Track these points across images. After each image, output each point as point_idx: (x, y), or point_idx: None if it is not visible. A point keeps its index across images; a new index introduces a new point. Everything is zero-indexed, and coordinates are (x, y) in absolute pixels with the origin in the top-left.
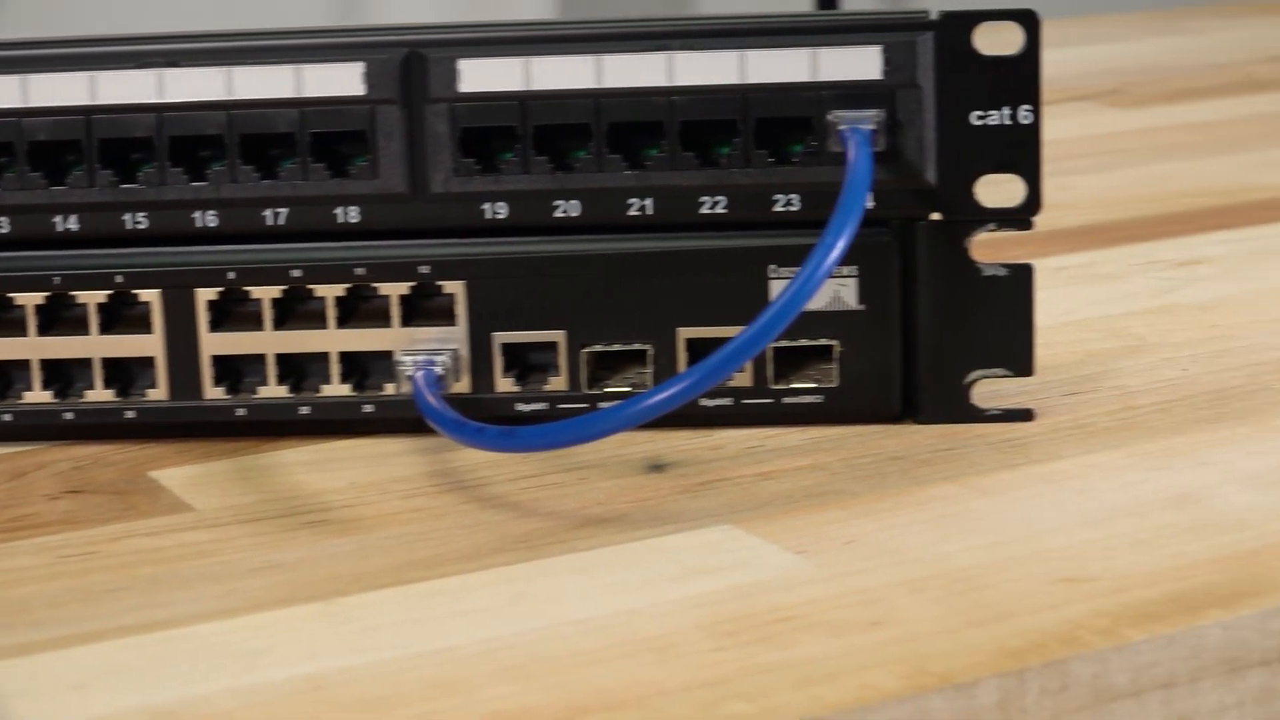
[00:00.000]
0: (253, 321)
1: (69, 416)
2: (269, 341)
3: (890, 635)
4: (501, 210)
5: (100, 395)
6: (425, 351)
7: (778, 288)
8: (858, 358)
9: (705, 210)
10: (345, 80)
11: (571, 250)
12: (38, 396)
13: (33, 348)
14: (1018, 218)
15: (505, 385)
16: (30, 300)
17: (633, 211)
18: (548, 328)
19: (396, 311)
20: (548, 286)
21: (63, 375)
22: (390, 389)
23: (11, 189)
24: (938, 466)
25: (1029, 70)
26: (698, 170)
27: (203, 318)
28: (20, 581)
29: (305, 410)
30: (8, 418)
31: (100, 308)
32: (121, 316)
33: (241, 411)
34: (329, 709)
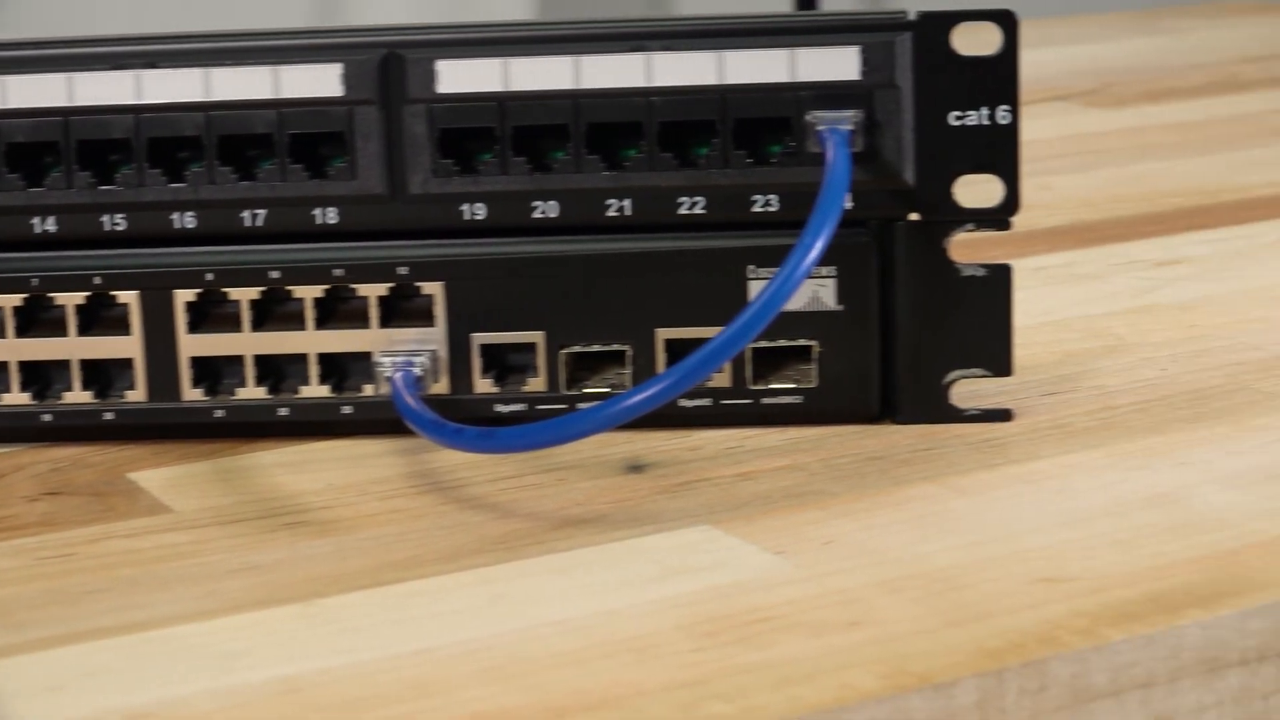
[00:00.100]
0: (231, 323)
1: (47, 418)
2: (247, 343)
3: (869, 635)
4: (480, 211)
5: (79, 397)
6: (404, 352)
7: (756, 288)
8: (836, 358)
9: (684, 211)
10: (323, 81)
11: (550, 251)
12: (16, 398)
13: (11, 349)
14: (996, 218)
15: (484, 386)
16: (8, 302)
17: (611, 212)
18: (526, 329)
19: (375, 313)
20: (526, 287)
21: (41, 377)
22: (369, 390)
23: None
24: (916, 467)
25: (1007, 70)
26: (676, 171)
27: (181, 319)
28: None
29: (284, 411)
30: None
31: (78, 309)
32: (100, 318)
33: (220, 413)
34: (307, 710)
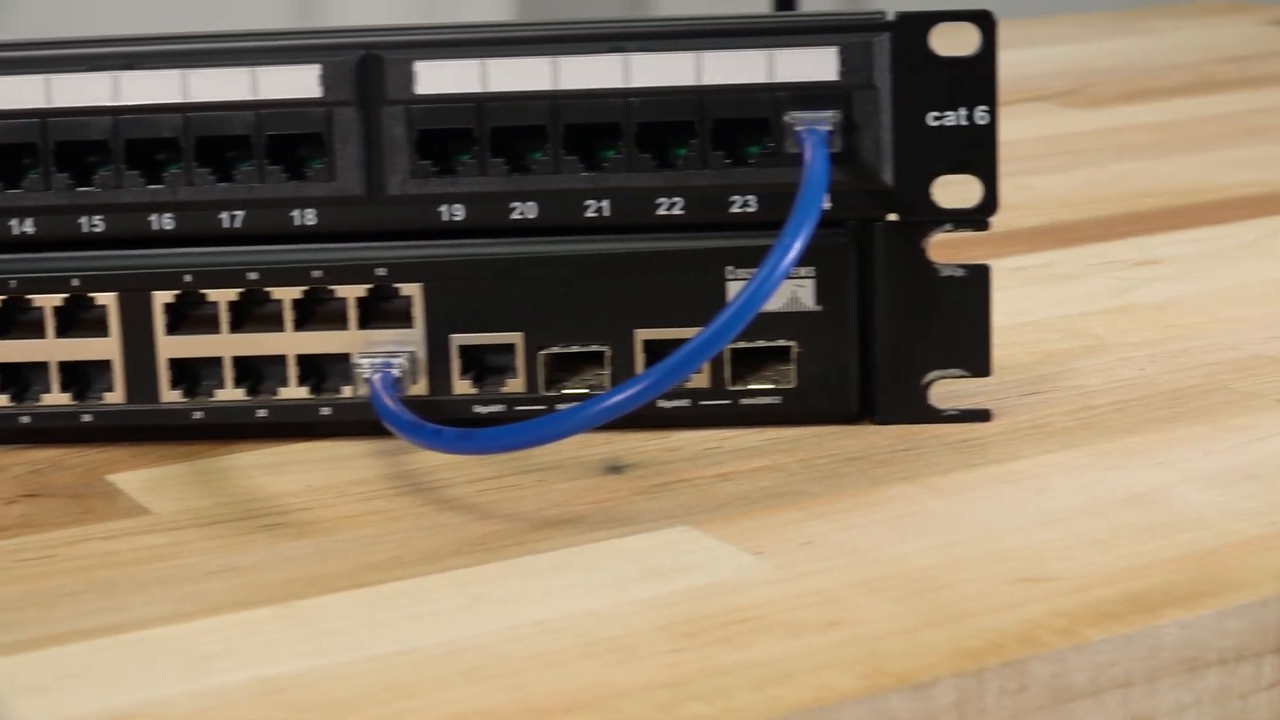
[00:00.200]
0: (209, 324)
1: (25, 420)
2: (226, 344)
3: (848, 635)
4: (458, 212)
5: (57, 399)
6: (382, 354)
7: (735, 289)
8: (815, 358)
9: (662, 211)
10: (301, 82)
11: (529, 252)
12: None
13: None
14: (974, 218)
15: (463, 387)
16: None
17: (590, 213)
18: (505, 329)
19: (353, 314)
20: (505, 288)
21: (19, 379)
22: (347, 391)
23: None
24: (895, 467)
25: (985, 71)
26: (654, 171)
27: (159, 320)
28: None
29: (262, 413)
30: None
31: (56, 311)
32: (78, 320)
33: (198, 414)
34: (287, 712)
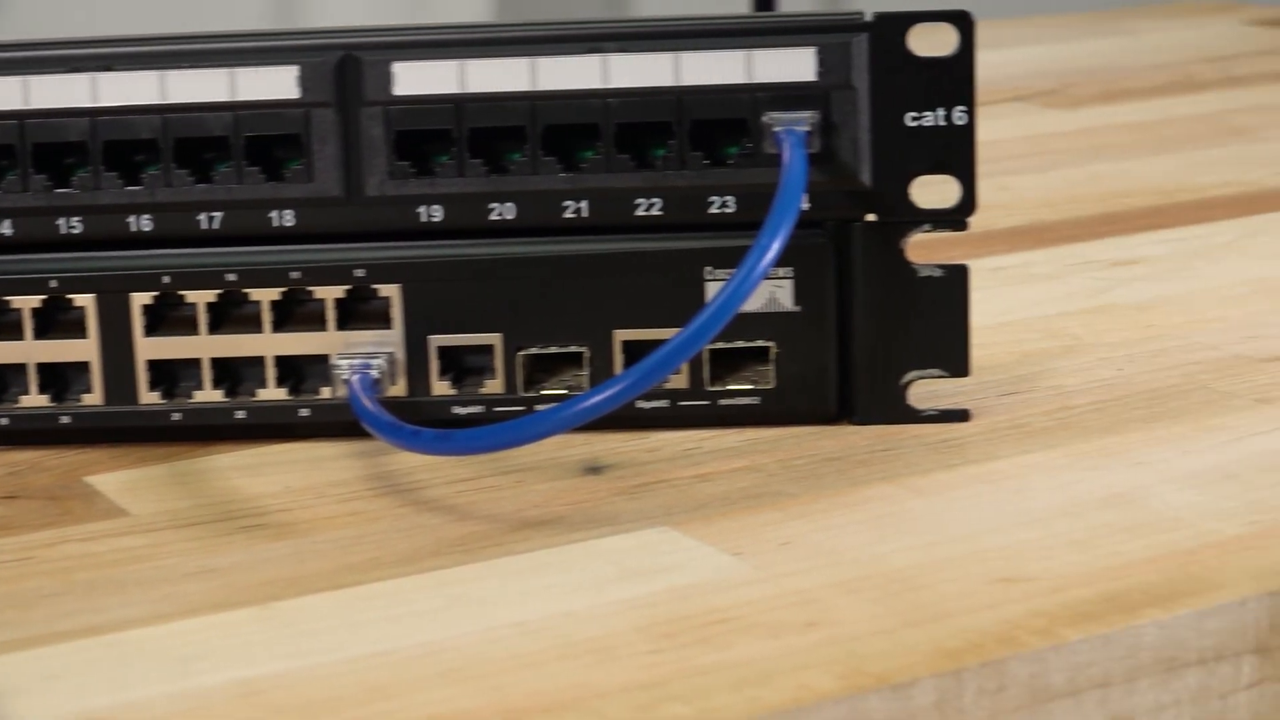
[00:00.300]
0: (188, 326)
1: (3, 422)
2: (204, 346)
3: (827, 636)
4: (437, 213)
5: (35, 400)
6: (361, 355)
7: (713, 289)
8: (794, 359)
9: (641, 212)
10: (280, 84)
11: (507, 253)
12: None
13: None
14: (953, 219)
15: (441, 388)
16: None
17: (568, 214)
18: (484, 330)
19: (332, 315)
20: (483, 289)
21: None
22: (326, 393)
23: None
24: (874, 467)
25: (963, 71)
26: (633, 172)
27: (138, 322)
28: None
29: (241, 414)
30: None
31: (35, 313)
32: (56, 321)
33: (177, 416)
34: (265, 713)
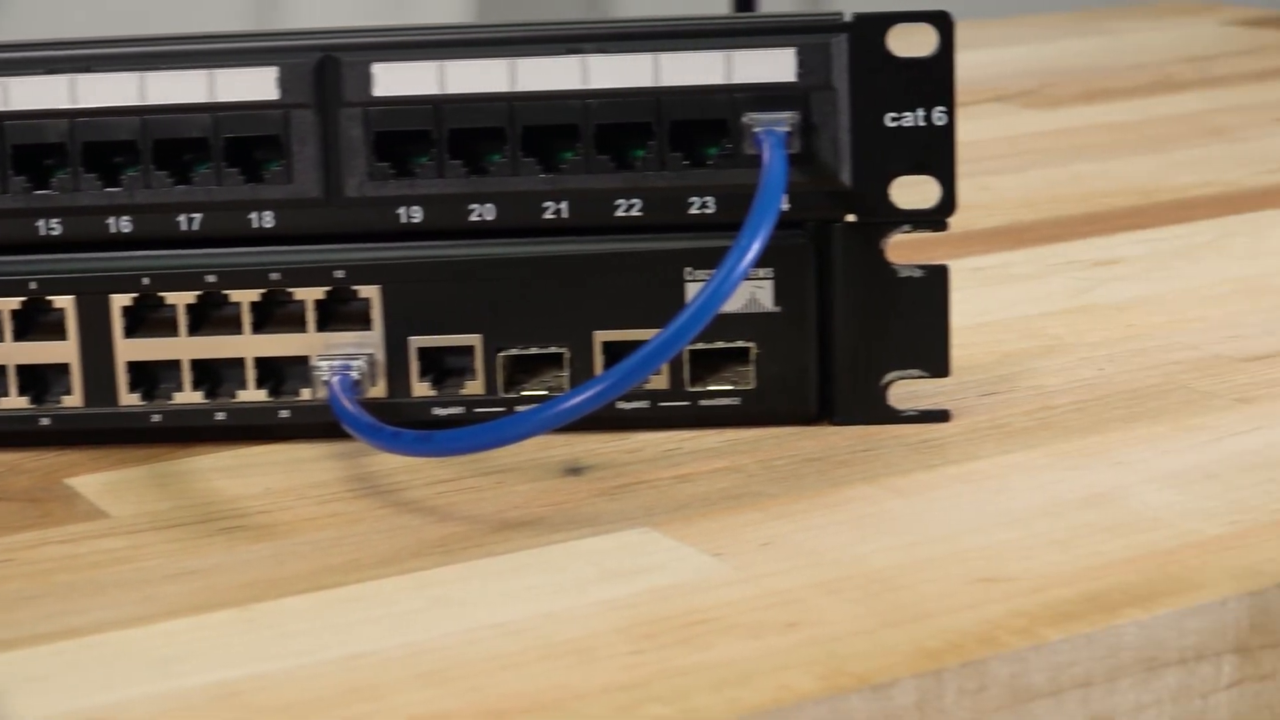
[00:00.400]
0: (168, 327)
1: None
2: (184, 347)
3: (807, 636)
4: (416, 214)
5: (14, 402)
6: (341, 356)
7: (694, 290)
8: (774, 359)
9: (621, 213)
10: (259, 85)
11: (487, 254)
12: None
13: None
14: (933, 219)
15: (421, 390)
16: None
17: (548, 215)
18: (464, 331)
19: (312, 316)
20: (463, 290)
21: None
22: (306, 394)
23: None
24: (854, 468)
25: (943, 72)
26: (613, 173)
27: (117, 324)
28: None
29: (221, 416)
30: None
31: (14, 314)
32: (36, 323)
33: (157, 418)
34: (246, 715)
